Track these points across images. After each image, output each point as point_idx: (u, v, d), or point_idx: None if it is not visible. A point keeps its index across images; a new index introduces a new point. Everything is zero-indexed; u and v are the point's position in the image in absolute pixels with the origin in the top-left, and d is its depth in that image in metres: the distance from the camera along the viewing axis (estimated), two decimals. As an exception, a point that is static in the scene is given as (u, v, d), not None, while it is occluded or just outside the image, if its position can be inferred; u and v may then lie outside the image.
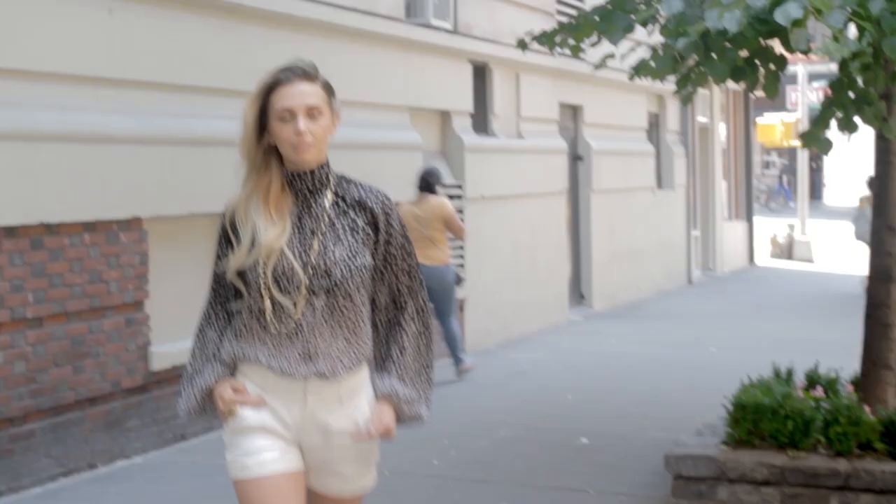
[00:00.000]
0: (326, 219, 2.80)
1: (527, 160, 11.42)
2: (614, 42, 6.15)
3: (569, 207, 12.79)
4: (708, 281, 16.63)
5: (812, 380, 6.21)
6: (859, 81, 6.02)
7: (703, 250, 17.40)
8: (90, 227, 6.22)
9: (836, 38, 5.09)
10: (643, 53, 6.45)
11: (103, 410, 6.34)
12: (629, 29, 6.15)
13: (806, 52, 5.86)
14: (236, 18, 7.31)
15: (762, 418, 5.68)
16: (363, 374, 2.84)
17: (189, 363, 2.87)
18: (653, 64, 6.07)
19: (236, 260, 2.77)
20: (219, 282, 2.87)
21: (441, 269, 8.59)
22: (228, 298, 2.87)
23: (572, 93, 12.69)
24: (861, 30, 5.25)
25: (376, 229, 2.83)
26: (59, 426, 6.05)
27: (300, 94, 2.74)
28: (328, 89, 2.80)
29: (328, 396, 2.78)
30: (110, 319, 6.37)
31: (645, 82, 12.41)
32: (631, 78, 6.40)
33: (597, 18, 6.31)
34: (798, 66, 21.30)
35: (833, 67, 7.18)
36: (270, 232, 2.74)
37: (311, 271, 2.75)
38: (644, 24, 6.03)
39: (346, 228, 2.80)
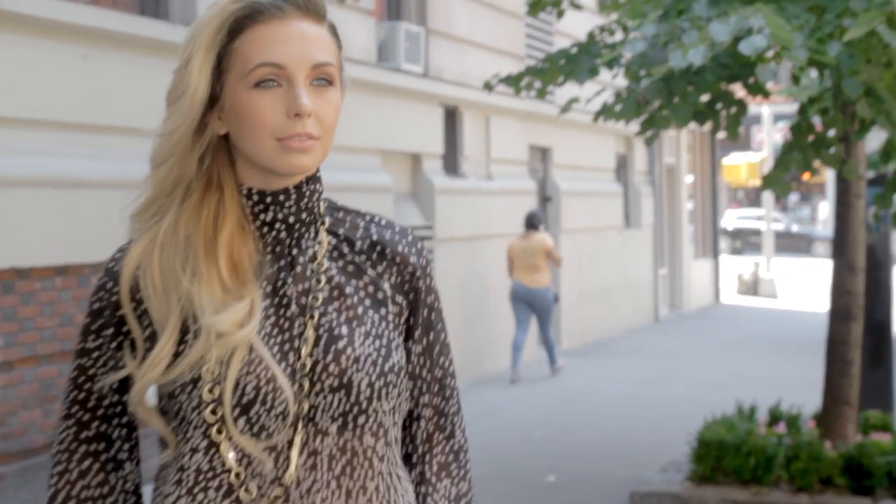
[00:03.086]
0: (324, 280, 1.52)
1: (496, 201, 11.55)
2: (580, 83, 6.30)
3: (538, 247, 12.91)
4: (675, 318, 16.79)
5: (775, 416, 6.33)
6: (818, 125, 6.20)
7: (671, 288, 17.57)
8: (61, 270, 6.27)
9: (796, 79, 5.26)
10: (608, 97, 6.59)
11: (74, 452, 6.36)
12: (594, 72, 6.30)
13: (766, 94, 6.03)
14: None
15: (725, 455, 5.78)
16: None
17: None
18: (617, 107, 6.22)
19: (149, 372, 1.46)
20: (90, 406, 1.54)
21: (545, 290, 10.77)
22: (112, 441, 1.56)
23: (541, 135, 12.85)
24: (820, 72, 5.42)
25: (413, 299, 1.58)
26: (29, 470, 6.07)
27: (300, 40, 1.47)
28: (337, 37, 1.54)
29: None
30: (81, 361, 6.40)
31: (612, 124, 12.64)
32: (595, 120, 6.54)
33: (562, 62, 6.46)
34: (763, 107, 21.62)
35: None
36: (229, 314, 1.44)
37: (307, 385, 1.47)
38: (609, 67, 6.19)
39: (366, 297, 1.54)
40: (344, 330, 1.50)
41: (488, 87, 7.01)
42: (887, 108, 5.59)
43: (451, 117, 10.95)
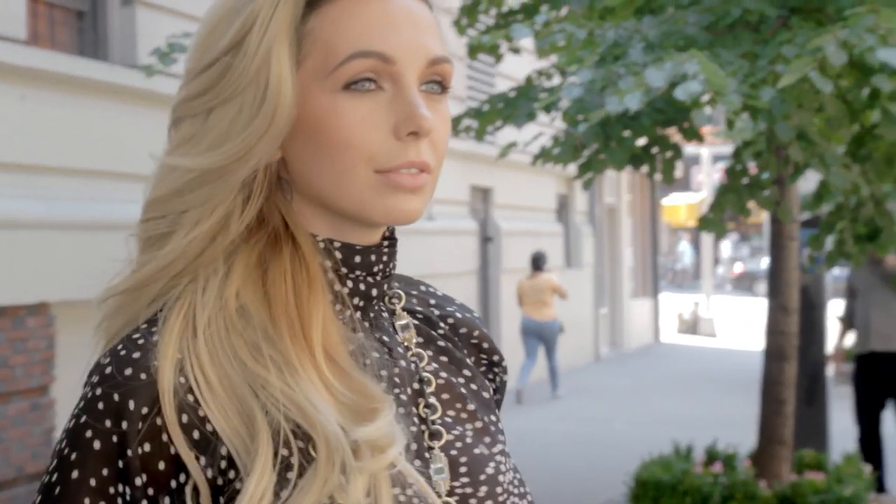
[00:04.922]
0: (433, 380, 1.07)
1: (438, 241, 11.59)
2: (518, 127, 6.38)
3: (479, 287, 12.97)
4: (615, 357, 16.90)
5: (711, 455, 6.40)
6: (753, 168, 6.33)
7: (611, 327, 17.70)
8: (-3, 311, 6.19)
9: (730, 123, 5.37)
10: (547, 140, 6.68)
11: (7, 497, 6.26)
12: (532, 116, 6.38)
13: (700, 139, 6.15)
14: (149, 105, 7.39)
15: (662, 494, 5.83)
16: None
17: None
18: (555, 151, 6.30)
19: None
20: None
21: (551, 322, 12.33)
22: None
23: (482, 175, 12.94)
24: (754, 116, 5.55)
25: (496, 398, 1.17)
26: (-39, 514, 5.96)
27: (410, 23, 0.99)
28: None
29: None
30: (15, 405, 6.32)
31: (553, 165, 12.79)
32: (534, 164, 6.62)
33: (501, 105, 6.54)
34: (702, 149, 21.97)
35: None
36: (379, 424, 0.95)
37: None
38: (547, 111, 6.27)
39: (473, 399, 1.09)
40: (483, 451, 1.04)
41: (427, 129, 7.07)
42: (819, 152, 5.72)
43: (393, 158, 11.00)
